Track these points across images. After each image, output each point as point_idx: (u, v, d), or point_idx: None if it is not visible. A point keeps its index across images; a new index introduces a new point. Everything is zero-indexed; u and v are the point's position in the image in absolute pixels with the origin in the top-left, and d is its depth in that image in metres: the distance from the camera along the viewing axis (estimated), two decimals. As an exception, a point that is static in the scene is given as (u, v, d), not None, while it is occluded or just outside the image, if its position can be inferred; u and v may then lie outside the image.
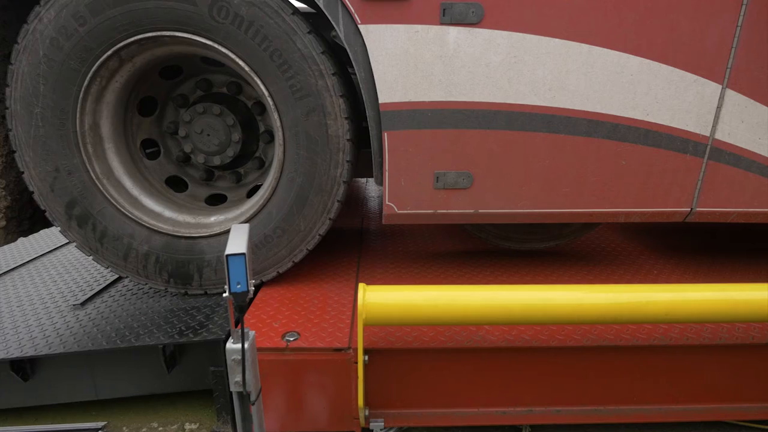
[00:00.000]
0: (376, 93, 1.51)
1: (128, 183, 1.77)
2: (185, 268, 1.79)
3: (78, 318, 1.83)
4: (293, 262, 1.76)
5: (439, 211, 1.64)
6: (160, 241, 1.76)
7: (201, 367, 1.73)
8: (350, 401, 1.45)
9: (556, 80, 1.50)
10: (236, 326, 1.09)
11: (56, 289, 2.13)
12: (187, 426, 1.76)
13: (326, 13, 1.46)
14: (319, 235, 1.71)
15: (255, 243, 1.72)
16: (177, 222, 1.79)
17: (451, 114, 1.53)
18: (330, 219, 1.69)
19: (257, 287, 1.87)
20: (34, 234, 3.11)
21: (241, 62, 1.53)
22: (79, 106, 1.60)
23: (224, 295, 1.04)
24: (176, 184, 1.97)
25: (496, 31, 1.46)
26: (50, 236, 3.04)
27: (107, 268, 1.81)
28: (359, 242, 2.38)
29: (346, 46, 1.48)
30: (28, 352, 1.61)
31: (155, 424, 1.77)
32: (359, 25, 1.45)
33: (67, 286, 2.16)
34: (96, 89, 1.62)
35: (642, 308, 1.32)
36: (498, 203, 1.63)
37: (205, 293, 1.85)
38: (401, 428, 1.62)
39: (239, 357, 1.08)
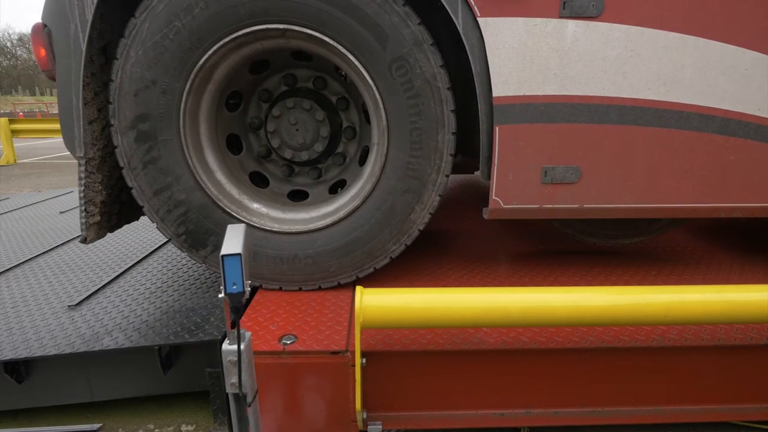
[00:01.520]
0: (490, 87, 1.51)
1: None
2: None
3: (73, 319, 1.82)
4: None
5: (544, 206, 1.63)
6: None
7: (197, 368, 1.72)
8: (348, 404, 1.44)
9: (671, 74, 1.51)
10: (232, 327, 1.08)
11: (51, 290, 2.11)
12: (184, 428, 1.75)
13: (445, 6, 1.46)
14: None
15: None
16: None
17: (563, 108, 1.53)
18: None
19: (254, 289, 1.86)
20: (31, 235, 3.09)
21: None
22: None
23: (220, 296, 1.03)
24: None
25: (615, 25, 1.46)
26: (46, 236, 3.02)
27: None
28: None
29: (464, 39, 1.48)
30: (22, 353, 1.60)
31: (151, 426, 1.76)
32: (478, 18, 1.46)
33: (62, 287, 2.14)
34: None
35: (640, 310, 1.32)
36: (604, 198, 1.63)
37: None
38: (399, 430, 1.61)
39: (235, 358, 1.07)
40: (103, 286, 2.12)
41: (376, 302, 1.30)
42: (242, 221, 1.68)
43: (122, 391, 1.77)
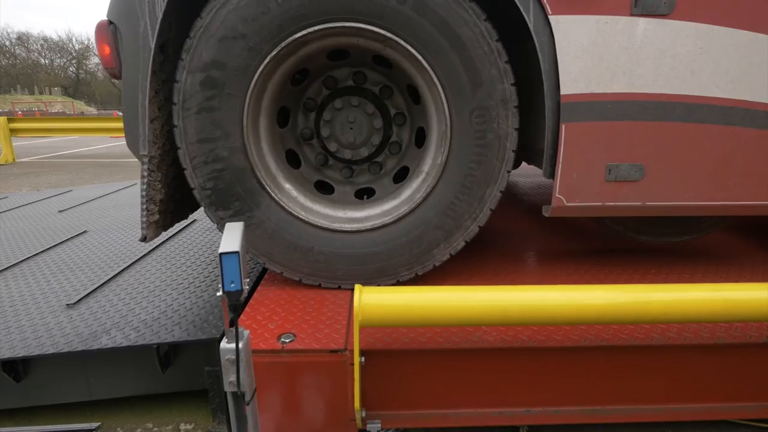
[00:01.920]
0: (558, 84, 1.51)
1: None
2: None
3: (71, 318, 1.81)
4: (450, 254, 1.74)
5: (607, 203, 1.64)
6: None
7: (196, 367, 1.71)
8: (347, 403, 1.44)
9: (739, 72, 1.51)
10: (231, 326, 1.07)
11: (49, 289, 2.11)
12: (183, 426, 1.75)
13: (517, 3, 1.46)
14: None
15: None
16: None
17: (630, 106, 1.53)
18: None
19: (252, 287, 1.86)
20: (30, 234, 3.09)
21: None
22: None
23: (218, 294, 1.02)
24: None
25: (685, 23, 1.47)
26: (45, 235, 3.02)
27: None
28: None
29: (534, 37, 1.49)
30: (20, 352, 1.60)
31: (150, 425, 1.76)
32: (549, 16, 1.46)
33: (60, 286, 2.14)
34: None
35: (640, 308, 1.32)
36: (667, 196, 1.64)
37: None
38: (398, 429, 1.61)
39: (234, 357, 1.07)
40: (102, 285, 2.11)
41: (375, 301, 1.29)
42: (272, 197, 1.66)
43: (121, 390, 1.76)
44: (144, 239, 1.66)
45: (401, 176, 1.89)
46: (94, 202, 4.05)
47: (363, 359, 1.37)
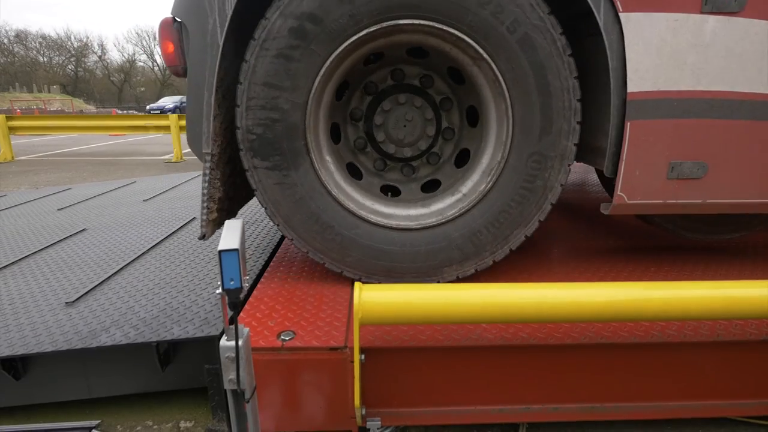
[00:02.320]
0: (625, 82, 1.51)
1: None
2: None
3: (70, 316, 1.81)
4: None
5: (668, 201, 1.64)
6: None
7: (195, 364, 1.71)
8: (347, 400, 1.44)
9: None
10: (230, 324, 1.07)
11: (48, 287, 2.11)
12: (182, 424, 1.75)
13: (588, 1, 1.46)
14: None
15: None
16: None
17: (696, 103, 1.53)
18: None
19: (252, 285, 1.86)
20: (29, 232, 3.08)
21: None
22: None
23: (217, 291, 1.02)
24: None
25: (755, 20, 1.47)
26: (44, 234, 3.01)
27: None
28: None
29: (603, 34, 1.49)
30: (19, 350, 1.59)
31: (150, 422, 1.76)
32: (620, 13, 1.46)
33: (59, 284, 2.13)
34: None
35: (639, 305, 1.32)
36: (728, 193, 1.64)
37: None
38: (398, 427, 1.61)
39: (233, 354, 1.06)
40: (101, 283, 2.11)
41: (375, 298, 1.29)
42: (312, 164, 1.64)
43: (120, 388, 1.76)
44: (203, 237, 1.67)
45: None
46: (93, 200, 4.05)
47: (363, 357, 1.37)
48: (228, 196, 1.79)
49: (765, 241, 2.32)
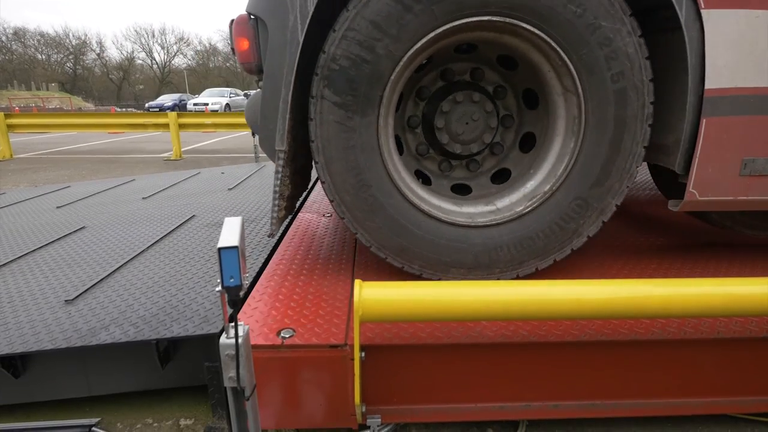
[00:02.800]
0: (702, 79, 1.51)
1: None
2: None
3: (69, 314, 1.81)
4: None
5: (739, 197, 1.64)
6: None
7: (195, 362, 1.71)
8: (347, 398, 1.44)
9: None
10: (230, 321, 1.07)
11: (47, 285, 2.10)
12: (182, 422, 1.75)
13: None
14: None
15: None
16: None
17: None
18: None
19: (252, 282, 1.85)
20: (28, 230, 3.08)
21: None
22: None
23: (216, 289, 1.02)
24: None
25: None
26: (43, 232, 3.00)
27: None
28: (354, 237, 2.37)
29: (684, 31, 1.49)
30: (18, 348, 1.59)
31: (150, 420, 1.76)
32: (702, 10, 1.46)
33: (58, 282, 2.13)
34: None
35: (640, 303, 1.31)
36: None
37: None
38: (398, 424, 1.61)
39: (233, 352, 1.06)
40: (100, 281, 2.11)
41: (375, 296, 1.29)
42: (378, 119, 1.60)
43: (120, 386, 1.76)
44: (272, 235, 1.67)
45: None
46: (93, 198, 4.04)
47: (363, 354, 1.37)
48: (292, 193, 1.80)
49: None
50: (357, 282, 1.30)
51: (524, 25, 1.51)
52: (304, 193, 3.41)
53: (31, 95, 39.92)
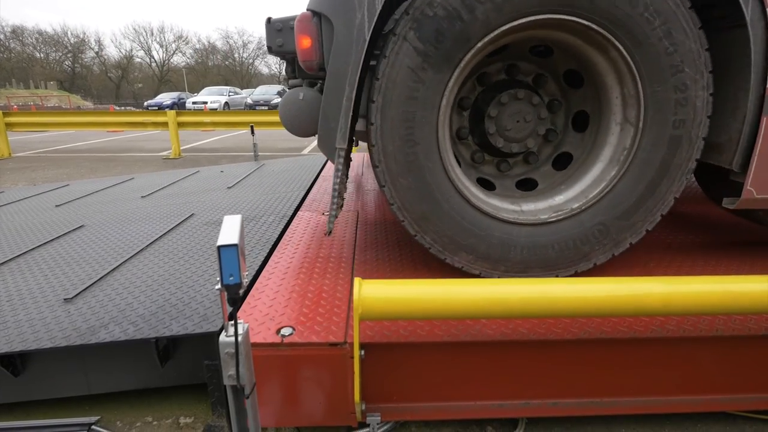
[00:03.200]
0: (764, 78, 1.52)
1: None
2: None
3: (68, 312, 1.80)
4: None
5: None
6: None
7: (195, 360, 1.71)
8: (347, 396, 1.44)
9: None
10: (229, 319, 1.07)
11: (46, 283, 2.10)
12: (182, 420, 1.75)
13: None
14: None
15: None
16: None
17: None
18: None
19: (252, 280, 1.85)
20: (26, 229, 3.07)
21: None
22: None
23: (216, 287, 1.02)
24: None
25: None
26: (42, 230, 3.00)
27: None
28: (354, 235, 2.37)
29: (749, 30, 1.49)
30: (17, 347, 1.59)
31: (149, 418, 1.76)
32: (767, 9, 1.47)
33: (57, 280, 2.13)
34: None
35: (639, 300, 1.32)
36: None
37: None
38: (398, 422, 1.62)
39: (233, 350, 1.06)
40: (99, 280, 2.10)
41: (375, 293, 1.29)
42: (446, 85, 1.59)
43: (120, 384, 1.76)
44: (330, 233, 1.67)
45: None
46: (91, 197, 4.03)
47: (363, 352, 1.37)
48: (344, 190, 1.82)
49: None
50: (357, 280, 1.30)
51: (617, 44, 1.53)
52: (304, 192, 3.41)
53: (30, 94, 39.81)
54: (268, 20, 1.76)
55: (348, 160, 1.71)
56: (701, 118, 1.59)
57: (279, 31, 1.95)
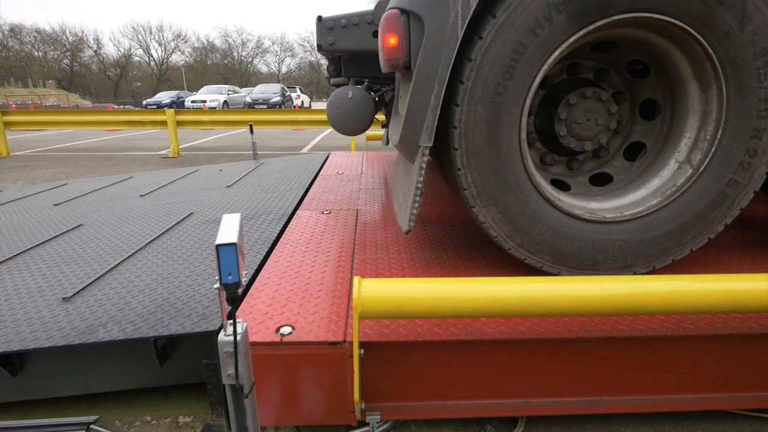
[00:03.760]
0: None
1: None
2: None
3: (67, 311, 1.80)
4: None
5: None
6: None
7: (194, 359, 1.71)
8: (346, 395, 1.44)
9: None
10: (228, 319, 1.06)
11: (45, 283, 2.09)
12: (181, 419, 1.74)
13: None
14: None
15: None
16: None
17: None
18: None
19: (251, 279, 1.85)
20: (25, 228, 3.06)
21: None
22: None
23: (215, 286, 1.01)
24: None
25: None
26: (40, 229, 2.99)
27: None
28: (353, 234, 2.36)
29: None
30: (15, 346, 1.58)
31: (148, 418, 1.75)
32: None
33: (55, 279, 2.12)
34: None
35: (639, 299, 1.31)
36: None
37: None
38: (397, 421, 1.61)
39: (231, 350, 1.06)
40: (97, 279, 2.10)
41: (375, 292, 1.28)
42: (532, 82, 1.58)
43: (119, 383, 1.76)
44: (409, 231, 1.68)
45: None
46: (90, 196, 4.02)
47: (362, 351, 1.37)
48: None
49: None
50: (356, 278, 1.30)
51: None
52: (303, 191, 3.41)
53: (28, 92, 39.71)
54: (319, 18, 1.74)
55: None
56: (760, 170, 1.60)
57: (330, 30, 1.93)
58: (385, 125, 4.17)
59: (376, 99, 2.88)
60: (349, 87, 2.79)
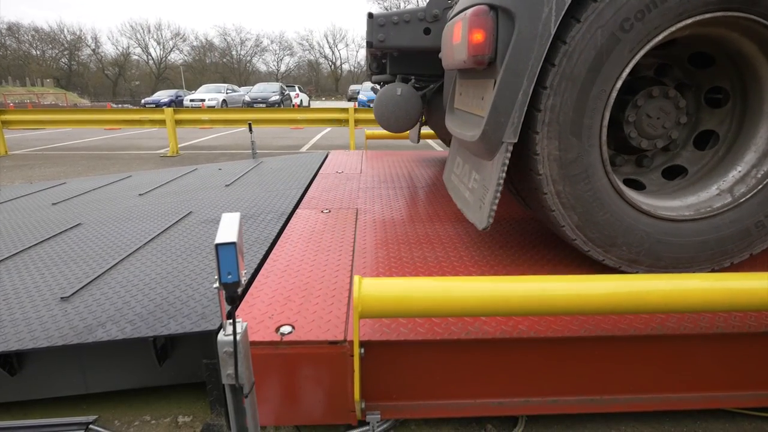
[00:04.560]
0: None
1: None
2: None
3: (65, 311, 1.79)
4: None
5: None
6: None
7: (193, 359, 1.70)
8: (346, 394, 1.43)
9: None
10: (228, 318, 1.06)
11: (43, 282, 2.08)
12: (180, 419, 1.74)
13: None
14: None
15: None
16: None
17: None
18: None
19: (250, 278, 1.84)
20: (23, 227, 3.05)
21: None
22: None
23: (214, 286, 1.01)
24: None
25: None
26: (39, 228, 2.98)
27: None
28: (353, 233, 2.36)
29: None
30: (14, 346, 1.58)
31: (148, 417, 1.75)
32: None
33: (54, 279, 2.11)
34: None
35: (639, 298, 1.31)
36: None
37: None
38: (397, 420, 1.61)
39: (231, 349, 1.05)
40: (96, 278, 2.09)
41: (375, 291, 1.28)
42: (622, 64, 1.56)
43: (118, 383, 1.75)
44: (486, 228, 1.68)
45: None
46: (89, 195, 4.01)
47: (362, 350, 1.37)
48: None
49: None
50: (356, 277, 1.30)
51: None
52: (302, 190, 3.40)
53: (26, 91, 39.60)
54: (370, 15, 1.71)
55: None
56: None
57: (381, 27, 1.89)
58: (423, 123, 4.11)
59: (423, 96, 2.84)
60: (396, 84, 2.75)
